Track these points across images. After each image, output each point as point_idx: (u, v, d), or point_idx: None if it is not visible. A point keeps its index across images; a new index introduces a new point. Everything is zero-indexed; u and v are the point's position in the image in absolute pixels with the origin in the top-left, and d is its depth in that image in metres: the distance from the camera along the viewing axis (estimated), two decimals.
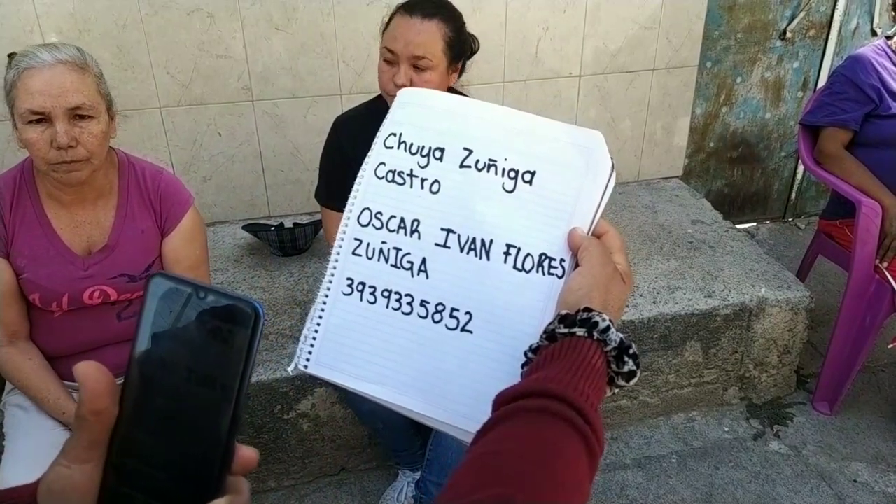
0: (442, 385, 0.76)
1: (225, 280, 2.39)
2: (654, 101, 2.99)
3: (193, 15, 2.44)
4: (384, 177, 0.81)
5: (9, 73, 1.38)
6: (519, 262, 0.75)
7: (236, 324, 0.43)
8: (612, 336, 0.63)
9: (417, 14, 1.61)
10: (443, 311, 0.77)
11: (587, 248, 0.71)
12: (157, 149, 2.59)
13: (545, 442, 0.56)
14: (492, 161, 0.78)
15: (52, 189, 1.50)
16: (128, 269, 1.56)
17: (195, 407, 0.43)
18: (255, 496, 2.08)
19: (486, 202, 0.77)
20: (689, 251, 2.54)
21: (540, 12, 2.70)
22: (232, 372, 0.43)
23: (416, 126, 0.81)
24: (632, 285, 0.74)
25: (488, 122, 0.79)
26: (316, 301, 0.82)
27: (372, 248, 0.80)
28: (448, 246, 0.78)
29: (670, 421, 2.38)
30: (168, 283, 0.44)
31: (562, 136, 0.77)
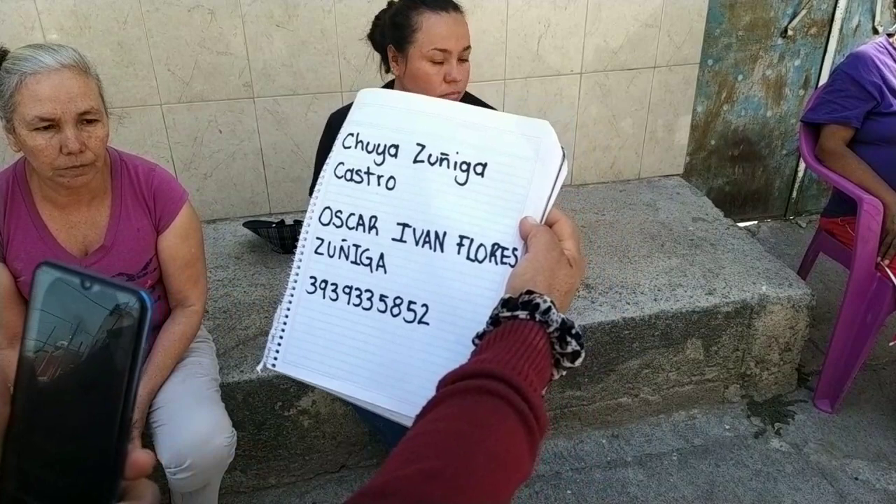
0: (403, 378, 0.78)
1: (226, 277, 2.39)
2: (656, 99, 2.99)
3: (194, 11, 2.43)
4: (343, 176, 0.83)
5: (8, 77, 1.35)
6: (472, 253, 0.76)
7: (123, 316, 0.40)
8: (553, 317, 0.64)
9: (450, 9, 1.68)
10: (401, 304, 0.79)
11: (535, 235, 0.73)
12: (157, 146, 2.59)
13: (479, 418, 0.56)
14: (444, 155, 0.79)
15: (46, 191, 1.49)
16: (125, 268, 1.56)
17: (84, 407, 0.41)
18: (255, 492, 2.08)
19: (440, 195, 0.78)
20: (691, 249, 2.54)
21: (541, 10, 2.69)
22: (119, 368, 0.40)
23: (373, 125, 0.83)
24: (582, 271, 0.75)
25: (440, 117, 0.81)
26: (282, 300, 0.84)
27: (333, 246, 0.82)
28: (404, 240, 0.79)
29: (671, 418, 2.38)
30: (55, 273, 0.41)
31: (511, 127, 0.78)
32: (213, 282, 2.34)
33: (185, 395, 1.58)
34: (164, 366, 1.60)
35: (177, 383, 1.61)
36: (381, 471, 0.52)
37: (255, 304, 2.23)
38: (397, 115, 0.83)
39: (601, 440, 2.31)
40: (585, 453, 2.25)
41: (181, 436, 1.50)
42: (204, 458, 1.50)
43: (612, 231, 2.68)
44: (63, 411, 0.41)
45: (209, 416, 1.55)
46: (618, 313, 2.19)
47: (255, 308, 2.21)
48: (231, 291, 2.30)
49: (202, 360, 1.72)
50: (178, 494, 1.67)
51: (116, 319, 0.40)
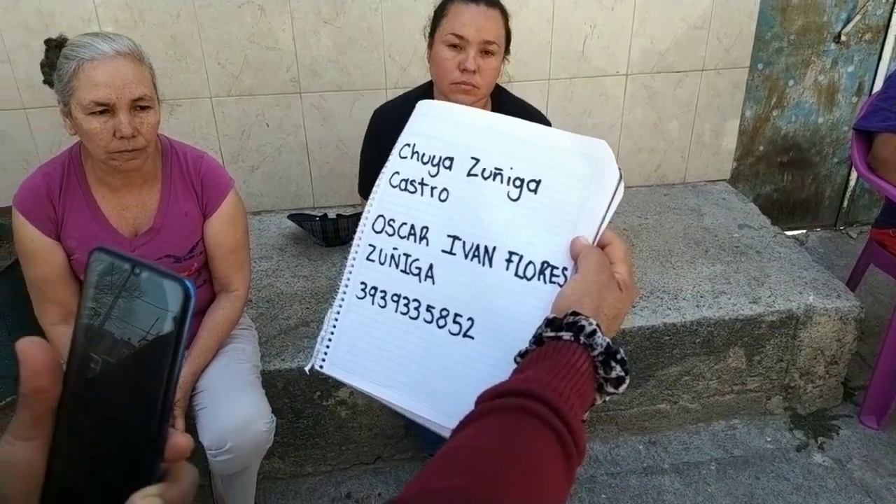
0: (444, 390, 0.78)
1: (269, 267, 2.42)
2: (703, 103, 2.94)
3: (245, 7, 2.48)
4: (398, 185, 0.84)
5: (66, 63, 1.39)
6: (520, 270, 0.75)
7: (168, 302, 0.42)
8: (598, 340, 0.62)
9: (482, 2, 1.66)
10: (447, 316, 0.79)
11: (585, 256, 0.71)
12: (207, 138, 2.65)
13: (516, 439, 0.55)
14: (498, 170, 0.79)
15: (100, 174, 1.53)
16: (172, 250, 1.60)
17: (128, 390, 0.42)
18: (292, 479, 2.10)
19: (492, 210, 0.78)
20: (735, 256, 2.49)
21: (587, 10, 2.68)
22: (164, 352, 0.41)
23: (429, 136, 0.84)
24: (633, 296, 0.73)
25: (495, 132, 0.81)
26: (333, 303, 0.85)
27: (384, 253, 0.83)
28: (454, 253, 0.79)
29: (711, 427, 2.34)
30: (108, 258, 0.43)
31: (568, 145, 0.77)
32: (258, 272, 2.38)
33: (228, 381, 1.61)
34: (208, 348, 1.63)
35: (220, 368, 1.64)
36: (415, 480, 0.52)
37: (297, 295, 2.26)
38: (454, 127, 0.83)
39: (638, 446, 2.28)
40: (621, 458, 2.23)
41: (223, 419, 1.53)
42: (244, 442, 1.53)
43: (655, 235, 2.65)
44: (109, 393, 0.43)
45: (250, 401, 1.58)
46: (658, 318, 2.16)
47: (296, 299, 2.24)
48: (274, 282, 2.34)
49: (245, 346, 1.75)
50: (219, 477, 1.70)
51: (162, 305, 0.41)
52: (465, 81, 1.65)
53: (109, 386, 0.42)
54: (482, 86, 1.67)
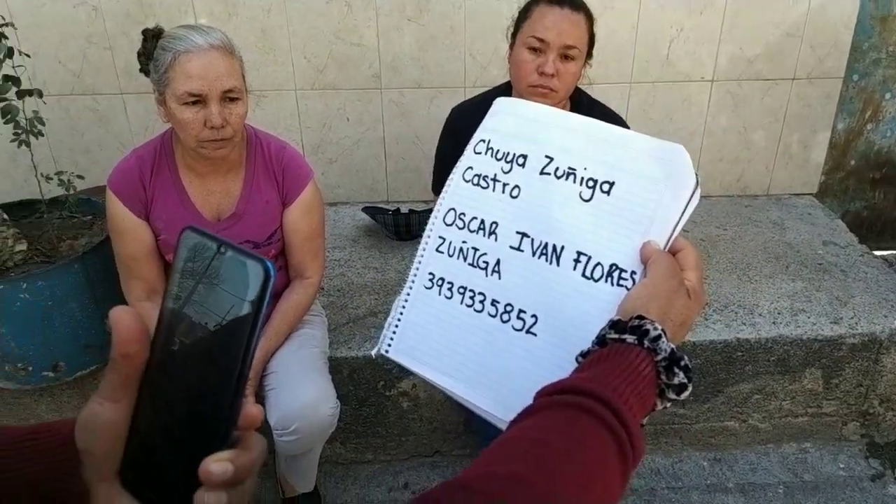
0: (503, 383, 0.79)
1: (342, 258, 2.48)
2: (792, 113, 2.84)
3: (332, 3, 2.54)
4: (470, 180, 0.85)
5: (163, 54, 1.46)
6: (588, 271, 0.75)
7: (250, 280, 0.43)
8: (662, 345, 0.62)
9: (567, 6, 1.64)
10: (511, 311, 0.79)
11: (655, 261, 0.71)
12: (289, 129, 2.73)
13: (575, 435, 0.55)
14: (571, 169, 0.79)
15: (189, 160, 1.61)
16: (252, 236, 1.66)
17: (208, 361, 0.45)
18: (352, 465, 2.15)
19: (563, 209, 0.78)
20: (818, 273, 2.40)
21: (675, 13, 2.62)
22: (243, 328, 0.43)
23: (504, 133, 0.85)
24: (701, 304, 0.72)
25: (571, 131, 0.81)
26: (401, 292, 0.88)
27: (453, 246, 0.84)
28: (521, 249, 0.80)
29: (780, 449, 2.26)
30: (196, 237, 0.46)
31: (644, 148, 0.76)
32: (330, 261, 2.44)
33: (297, 364, 1.66)
34: (280, 331, 1.69)
35: (291, 352, 1.70)
36: (474, 465, 0.53)
37: (366, 286, 2.30)
38: (530, 126, 0.83)
39: (702, 462, 2.22)
40: (684, 473, 2.18)
41: (290, 401, 1.58)
42: (309, 425, 1.57)
43: (733, 247, 2.57)
44: (189, 367, 0.45)
45: (317, 385, 1.62)
46: (732, 333, 2.10)
47: (366, 289, 2.28)
48: (346, 272, 2.39)
49: (315, 332, 1.80)
50: (283, 457, 1.76)
51: (244, 283, 0.44)
52: (542, 85, 1.64)
53: (189, 361, 0.45)
54: (560, 90, 1.66)
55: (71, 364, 1.91)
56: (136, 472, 0.47)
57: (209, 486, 0.43)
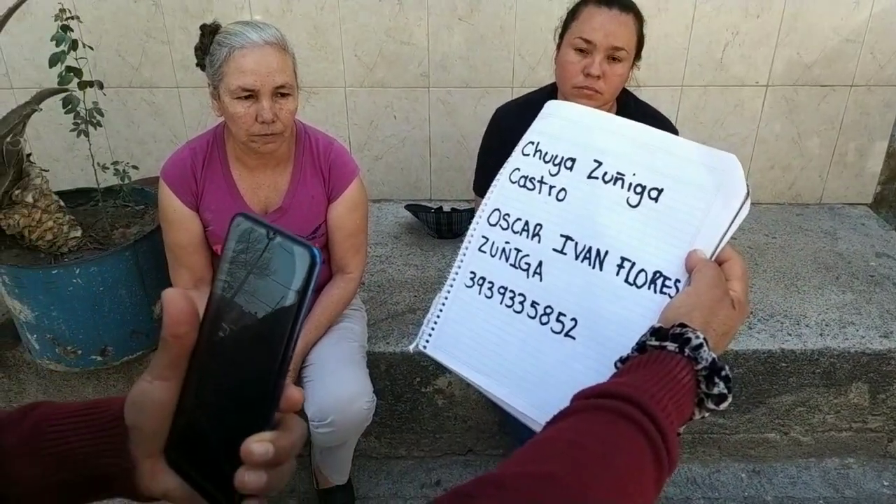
0: (540, 385, 0.79)
1: (383, 254, 2.51)
2: (849, 120, 2.75)
3: (384, 2, 2.57)
4: (517, 181, 0.85)
5: (219, 49, 1.50)
6: (631, 277, 0.75)
7: (296, 266, 0.45)
8: (703, 354, 0.62)
9: (616, 7, 1.62)
10: (550, 314, 0.79)
11: (700, 270, 0.70)
12: (337, 126, 2.77)
13: (611, 439, 0.55)
14: (620, 174, 0.78)
15: (239, 154, 1.65)
16: (297, 230, 1.69)
17: (254, 345, 0.46)
18: (386, 460, 2.18)
19: (609, 214, 0.78)
20: (869, 286, 2.33)
21: (730, 16, 2.57)
22: (286, 319, 0.45)
23: (553, 136, 0.85)
24: (744, 315, 0.71)
25: (622, 136, 0.80)
26: (442, 288, 0.88)
27: (496, 246, 0.85)
28: (565, 252, 0.80)
29: (822, 464, 2.20)
30: (247, 223, 0.47)
31: (695, 156, 0.75)
32: (372, 257, 2.47)
33: (336, 357, 1.69)
34: (320, 324, 1.72)
35: (330, 345, 1.73)
36: (504, 464, 0.54)
37: (406, 283, 2.32)
38: (579, 129, 0.83)
39: (740, 473, 2.18)
40: (721, 484, 2.14)
41: (327, 393, 1.61)
42: (345, 417, 1.60)
43: (781, 256, 2.51)
44: (236, 351, 0.47)
45: (354, 379, 1.65)
46: (776, 343, 2.05)
47: (406, 286, 2.30)
48: (386, 268, 2.42)
49: (354, 326, 1.83)
50: (318, 449, 1.80)
51: (291, 268, 0.45)
52: (587, 86, 1.62)
53: (236, 345, 0.47)
54: (605, 92, 1.64)
55: (118, 349, 1.98)
56: (180, 451, 0.49)
57: (250, 466, 0.45)
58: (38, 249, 1.94)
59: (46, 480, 0.50)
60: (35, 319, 1.89)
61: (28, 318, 1.90)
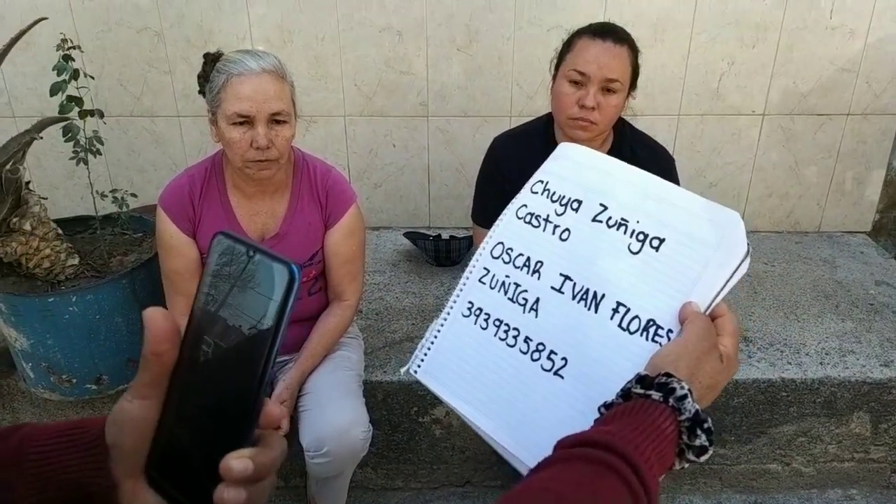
0: (524, 421, 0.79)
1: (381, 281, 2.51)
2: (846, 149, 2.77)
3: (384, 32, 2.60)
4: (523, 217, 0.88)
5: (217, 76, 1.52)
6: (625, 322, 0.76)
7: (276, 282, 0.45)
8: (687, 405, 0.62)
9: (610, 39, 1.63)
10: (542, 350, 0.80)
11: (692, 321, 0.71)
12: (337, 154, 2.78)
13: (592, 490, 0.56)
14: (624, 220, 0.80)
15: (237, 181, 1.65)
16: (294, 256, 1.68)
17: (234, 361, 0.46)
18: (382, 491, 2.15)
19: (609, 259, 0.79)
20: (869, 314, 2.32)
21: (726, 46, 2.60)
22: (267, 336, 0.45)
23: (563, 177, 0.88)
24: (733, 371, 0.72)
25: (629, 183, 0.83)
26: (439, 315, 0.90)
27: (496, 279, 0.86)
28: (562, 291, 0.81)
29: (825, 495, 2.17)
30: (227, 241, 0.48)
31: (698, 209, 0.77)
32: (370, 285, 2.47)
33: (332, 386, 1.68)
34: (316, 353, 1.71)
35: (326, 373, 1.72)
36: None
37: (404, 310, 2.32)
38: (588, 173, 0.86)
39: None
40: None
41: (323, 423, 1.59)
42: (341, 447, 1.58)
43: (780, 284, 2.51)
44: (217, 368, 0.47)
45: (350, 408, 1.63)
46: (776, 372, 2.04)
47: (404, 314, 2.30)
48: (384, 296, 2.41)
49: (351, 355, 1.81)
50: (314, 479, 1.77)
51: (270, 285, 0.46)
52: (582, 117, 1.63)
53: (217, 362, 0.47)
54: (600, 122, 1.64)
55: (113, 378, 1.97)
56: (161, 469, 0.49)
57: (229, 482, 0.45)
58: (36, 277, 1.94)
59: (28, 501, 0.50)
60: (31, 347, 1.89)
61: (23, 346, 1.89)
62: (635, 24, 2.40)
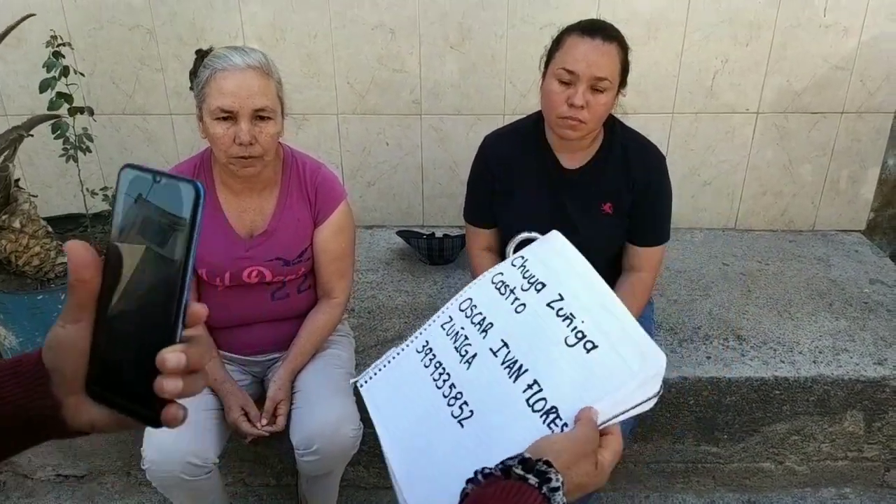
0: (419, 456, 0.88)
1: (374, 280, 2.50)
2: (840, 147, 2.77)
3: (377, 30, 2.59)
4: (495, 284, 0.99)
5: (203, 71, 1.53)
6: (532, 399, 0.83)
7: (184, 200, 0.51)
8: (557, 498, 0.68)
9: (599, 37, 1.61)
10: (458, 399, 0.89)
11: (585, 424, 0.78)
12: (330, 152, 2.78)
13: None
14: (572, 315, 0.89)
15: (225, 177, 1.65)
16: (283, 253, 1.68)
17: (157, 273, 0.52)
18: (374, 490, 2.14)
19: (546, 341, 0.88)
20: (863, 312, 2.31)
21: (720, 44, 2.59)
22: (182, 240, 0.51)
23: (540, 260, 0.98)
24: (601, 482, 0.77)
25: (590, 289, 0.91)
26: (401, 344, 1.01)
27: (454, 328, 0.97)
28: (497, 355, 0.90)
29: (818, 494, 2.17)
30: (135, 172, 0.53)
31: (637, 337, 0.84)
32: (362, 283, 2.46)
33: (322, 384, 1.67)
34: (306, 351, 1.71)
35: (316, 371, 1.71)
36: None
37: (397, 309, 2.31)
38: (563, 265, 0.95)
39: None
40: None
41: (313, 421, 1.59)
42: (331, 445, 1.58)
43: (774, 283, 2.50)
44: (140, 279, 0.52)
45: (340, 406, 1.63)
46: (769, 371, 2.04)
47: (396, 312, 2.29)
48: (377, 294, 2.40)
49: (342, 353, 1.81)
50: (304, 478, 1.77)
51: (179, 204, 0.51)
52: (571, 116, 1.62)
53: (140, 279, 0.52)
54: (589, 121, 1.63)
55: None
56: (101, 382, 0.54)
57: (166, 374, 0.51)
58: (25, 275, 1.93)
59: None
60: (20, 345, 1.88)
61: (12, 343, 1.88)
62: (629, 21, 2.39)
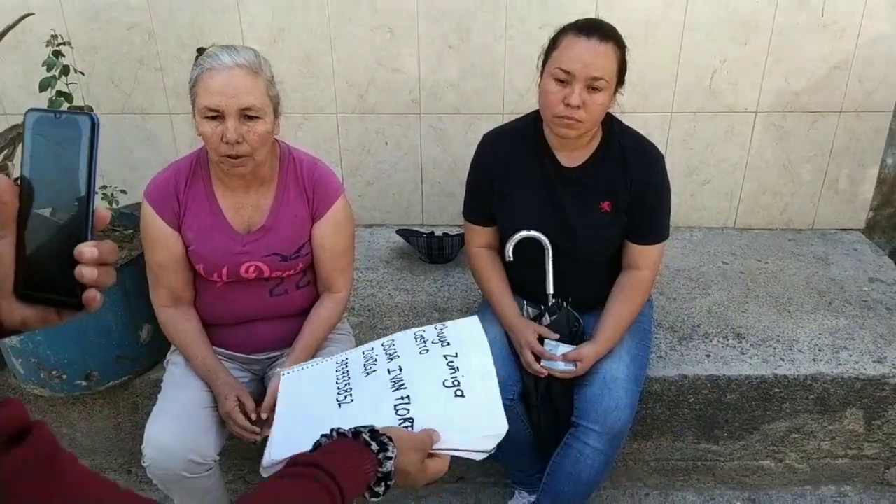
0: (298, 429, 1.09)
1: (374, 278, 2.50)
2: (839, 146, 2.77)
3: (376, 31, 2.60)
4: (416, 335, 1.23)
5: (194, 70, 1.54)
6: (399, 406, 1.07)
7: (82, 130, 0.63)
8: (388, 466, 0.90)
9: (595, 36, 1.60)
10: (347, 391, 1.15)
11: (425, 432, 1.01)
12: (329, 152, 2.78)
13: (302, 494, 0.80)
14: (457, 367, 1.13)
15: (221, 174, 1.65)
16: (280, 249, 1.68)
17: (66, 188, 0.63)
18: None
19: (429, 377, 1.12)
20: (862, 311, 2.31)
21: (718, 44, 2.60)
22: (84, 162, 0.63)
23: (456, 332, 1.22)
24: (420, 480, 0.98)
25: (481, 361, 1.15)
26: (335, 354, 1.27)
27: (371, 354, 1.22)
28: (390, 373, 1.15)
29: (818, 492, 2.17)
30: (38, 114, 0.64)
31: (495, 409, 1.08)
32: (363, 282, 2.46)
33: None
34: (309, 346, 1.71)
35: None
36: None
37: (396, 307, 2.31)
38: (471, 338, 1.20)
39: (735, 502, 2.14)
40: None
41: None
42: None
43: (774, 281, 2.50)
44: (54, 195, 0.63)
45: None
46: (769, 368, 2.04)
47: (396, 310, 2.29)
48: (377, 292, 2.40)
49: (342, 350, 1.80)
50: None
51: (77, 135, 0.63)
52: (568, 116, 1.62)
53: (53, 195, 0.63)
54: (586, 121, 1.63)
55: (104, 374, 1.96)
56: (28, 285, 0.64)
57: (84, 264, 0.62)
58: None
59: None
60: (20, 343, 1.88)
61: (13, 342, 1.88)
62: (627, 21, 2.40)
